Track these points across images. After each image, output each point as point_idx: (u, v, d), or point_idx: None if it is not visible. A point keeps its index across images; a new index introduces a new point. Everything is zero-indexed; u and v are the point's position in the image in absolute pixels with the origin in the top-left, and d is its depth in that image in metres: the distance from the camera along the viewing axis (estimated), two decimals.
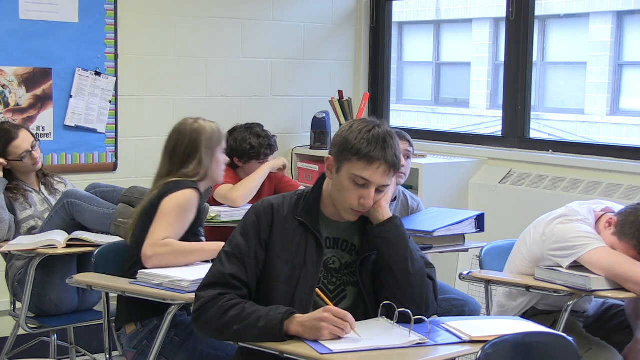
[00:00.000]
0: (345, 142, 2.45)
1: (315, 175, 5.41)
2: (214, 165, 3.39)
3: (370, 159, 2.42)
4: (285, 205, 2.56)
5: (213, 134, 3.40)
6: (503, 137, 5.12)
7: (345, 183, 2.46)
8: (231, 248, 2.52)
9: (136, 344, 3.20)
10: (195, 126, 3.39)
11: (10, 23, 4.61)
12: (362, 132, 2.44)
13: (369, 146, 2.42)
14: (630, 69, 10.85)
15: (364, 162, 2.42)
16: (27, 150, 3.98)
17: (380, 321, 2.47)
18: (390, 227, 2.53)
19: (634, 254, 3.10)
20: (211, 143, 3.38)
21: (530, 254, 3.30)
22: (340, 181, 2.47)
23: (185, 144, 3.36)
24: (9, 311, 4.08)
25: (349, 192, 2.46)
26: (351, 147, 2.43)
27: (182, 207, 3.20)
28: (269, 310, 2.38)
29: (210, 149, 3.38)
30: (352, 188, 2.45)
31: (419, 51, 12.65)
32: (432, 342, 2.36)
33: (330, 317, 2.31)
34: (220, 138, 3.44)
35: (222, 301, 2.42)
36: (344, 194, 2.47)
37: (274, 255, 2.51)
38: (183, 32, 5.19)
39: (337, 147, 2.49)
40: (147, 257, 3.08)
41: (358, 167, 2.43)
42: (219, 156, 3.42)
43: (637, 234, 3.10)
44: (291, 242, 2.51)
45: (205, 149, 3.36)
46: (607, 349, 3.23)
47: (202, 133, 3.38)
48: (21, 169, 4.02)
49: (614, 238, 3.17)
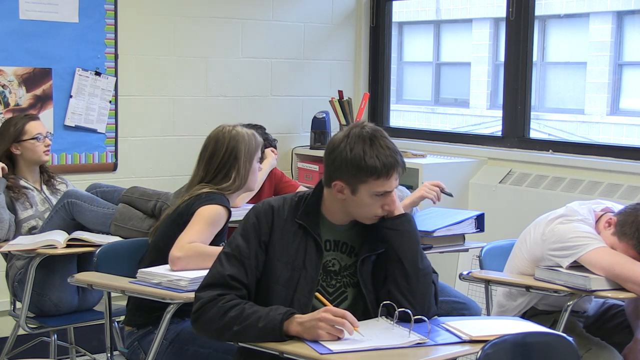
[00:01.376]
0: (355, 166, 2.44)
1: (315, 175, 5.41)
2: (251, 174, 3.37)
3: (387, 173, 2.45)
4: (286, 208, 2.56)
5: (251, 143, 3.37)
6: (503, 137, 5.12)
7: (366, 200, 2.48)
8: (231, 249, 2.52)
9: (128, 344, 3.23)
10: (234, 134, 3.35)
11: (10, 23, 4.61)
12: (366, 149, 2.45)
13: (380, 161, 2.44)
14: (630, 69, 10.85)
15: (383, 179, 2.46)
16: (42, 134, 4.05)
17: (380, 321, 2.47)
18: (404, 221, 2.57)
19: (634, 254, 3.10)
20: (249, 153, 3.35)
21: (530, 254, 3.30)
22: (360, 200, 2.48)
23: (222, 153, 3.33)
24: (9, 311, 4.08)
25: (372, 206, 2.50)
26: (366, 170, 2.44)
27: (213, 220, 3.18)
28: (269, 310, 2.38)
29: (248, 159, 3.35)
30: (374, 202, 2.49)
31: (419, 51, 12.65)
32: (432, 342, 2.36)
33: (329, 316, 2.31)
34: (257, 146, 3.40)
35: (221, 302, 2.42)
36: (368, 209, 2.51)
37: (274, 257, 2.51)
38: (183, 32, 5.19)
39: (347, 172, 2.46)
40: (175, 258, 3.06)
41: (377, 184, 2.46)
42: (255, 165, 3.39)
43: (637, 234, 3.10)
44: (291, 245, 2.52)
45: (244, 159, 3.33)
46: (607, 349, 3.23)
47: (241, 142, 3.34)
48: (31, 155, 4.03)
49: (613, 238, 3.17)
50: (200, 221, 3.16)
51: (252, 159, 3.36)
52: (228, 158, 3.31)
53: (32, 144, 4.02)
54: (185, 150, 5.17)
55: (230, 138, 3.33)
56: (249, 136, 3.37)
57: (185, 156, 5.17)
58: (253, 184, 3.42)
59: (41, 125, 4.09)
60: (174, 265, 3.05)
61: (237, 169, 3.31)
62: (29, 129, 4.03)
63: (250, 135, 3.38)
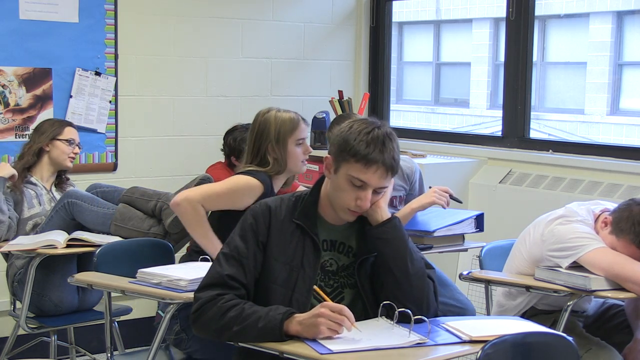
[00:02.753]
0: (344, 142, 2.44)
1: (315, 175, 5.40)
2: (289, 157, 3.36)
3: (368, 162, 2.41)
4: (283, 208, 2.56)
5: (282, 125, 3.35)
6: (503, 137, 5.12)
7: (342, 184, 2.45)
8: (229, 250, 2.52)
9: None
10: (266, 117, 3.37)
11: (10, 23, 4.61)
12: (362, 133, 2.43)
13: (367, 148, 2.41)
14: (630, 69, 10.85)
15: (361, 164, 2.42)
16: (75, 140, 4.16)
17: (380, 321, 2.47)
18: (389, 228, 2.52)
19: (634, 249, 3.10)
20: (280, 135, 3.34)
21: (529, 255, 3.30)
22: (338, 181, 2.47)
23: (254, 135, 3.36)
24: (9, 311, 4.09)
25: (346, 192, 2.45)
26: (350, 149, 2.42)
27: (238, 187, 3.21)
28: (269, 310, 2.38)
29: (281, 141, 3.34)
30: (349, 189, 2.45)
31: (419, 51, 12.66)
32: (432, 342, 2.36)
33: (326, 312, 2.30)
34: (292, 128, 3.37)
35: (221, 302, 2.42)
36: (341, 194, 2.46)
37: (272, 257, 2.51)
38: (183, 32, 5.19)
39: (335, 147, 2.48)
40: (175, 203, 3.20)
41: (355, 168, 2.43)
42: (291, 147, 3.37)
43: (633, 228, 3.10)
44: (288, 245, 2.51)
45: (274, 142, 3.33)
46: (607, 349, 3.23)
47: (271, 124, 3.35)
48: (58, 156, 4.10)
49: (612, 237, 3.17)
50: (225, 183, 3.20)
51: (284, 142, 3.34)
52: (259, 140, 3.34)
53: (64, 145, 4.11)
54: (185, 150, 5.18)
55: (261, 121, 3.36)
56: (282, 118, 3.36)
57: (185, 156, 5.18)
58: (295, 167, 3.40)
59: (76, 133, 4.21)
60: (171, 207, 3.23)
61: (270, 151, 3.32)
62: (66, 132, 4.14)
63: (284, 118, 3.37)
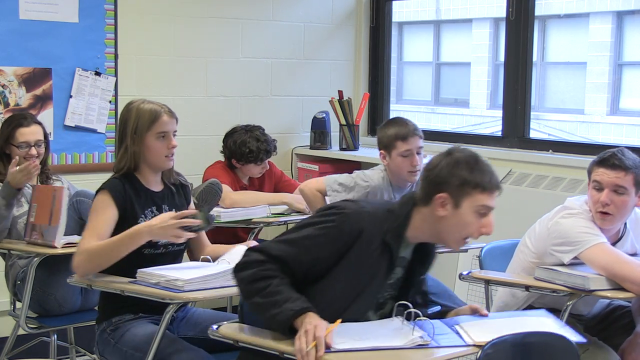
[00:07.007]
0: (463, 178, 2.48)
1: (315, 175, 5.39)
2: (148, 151, 3.14)
3: (492, 189, 2.52)
4: (376, 222, 2.51)
5: (142, 117, 3.14)
6: (503, 137, 5.12)
7: (468, 217, 2.50)
8: (299, 237, 2.47)
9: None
10: (129, 107, 3.17)
11: (10, 23, 4.61)
12: (471, 164, 2.50)
13: (487, 176, 2.51)
14: (630, 69, 10.87)
15: (488, 193, 2.51)
16: (29, 143, 3.91)
17: (395, 321, 2.47)
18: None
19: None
20: (137, 127, 3.13)
21: (536, 248, 3.30)
22: (463, 216, 2.50)
23: (118, 127, 3.20)
24: (9, 311, 4.08)
25: (472, 224, 2.51)
26: (473, 181, 2.48)
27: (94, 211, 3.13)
28: (288, 299, 2.36)
29: (138, 133, 3.13)
30: (476, 220, 2.51)
31: (419, 51, 12.67)
32: (435, 343, 2.34)
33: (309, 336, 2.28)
34: (151, 120, 3.13)
35: (260, 268, 2.41)
36: (467, 227, 2.52)
37: (346, 265, 2.47)
38: (183, 32, 5.19)
39: (452, 184, 2.48)
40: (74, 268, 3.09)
41: (483, 198, 2.50)
42: (150, 141, 3.14)
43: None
44: (368, 259, 2.48)
45: (133, 133, 3.13)
46: (604, 349, 3.23)
47: (131, 116, 3.15)
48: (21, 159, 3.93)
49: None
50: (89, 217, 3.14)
51: (141, 135, 3.12)
52: (121, 132, 3.17)
53: (17, 150, 3.91)
54: (184, 150, 5.16)
55: (123, 112, 3.18)
56: (143, 111, 3.14)
57: (185, 156, 5.17)
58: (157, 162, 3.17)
59: (31, 133, 3.92)
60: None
61: (130, 144, 3.13)
62: (17, 136, 3.91)
63: (144, 109, 3.15)
